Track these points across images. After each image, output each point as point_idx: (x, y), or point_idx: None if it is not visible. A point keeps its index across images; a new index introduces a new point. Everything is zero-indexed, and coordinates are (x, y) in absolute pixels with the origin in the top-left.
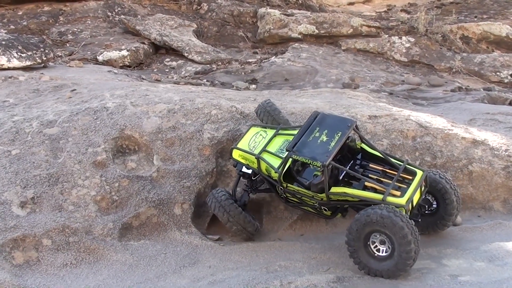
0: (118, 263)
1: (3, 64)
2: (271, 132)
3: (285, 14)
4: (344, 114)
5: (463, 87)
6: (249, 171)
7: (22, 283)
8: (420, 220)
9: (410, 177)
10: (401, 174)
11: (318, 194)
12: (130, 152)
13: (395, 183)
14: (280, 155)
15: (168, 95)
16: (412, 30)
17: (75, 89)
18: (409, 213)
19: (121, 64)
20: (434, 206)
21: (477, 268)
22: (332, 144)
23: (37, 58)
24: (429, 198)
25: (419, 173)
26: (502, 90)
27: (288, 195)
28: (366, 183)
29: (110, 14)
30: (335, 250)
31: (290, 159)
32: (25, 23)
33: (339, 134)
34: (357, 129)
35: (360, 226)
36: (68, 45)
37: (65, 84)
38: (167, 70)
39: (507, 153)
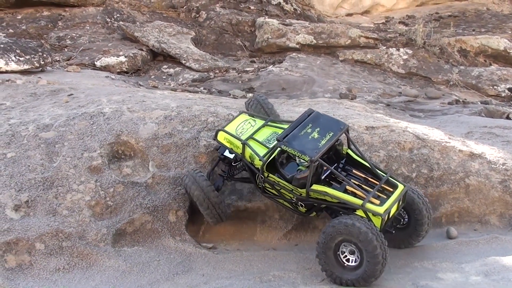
0: (111, 269)
1: (1, 67)
2: (260, 122)
3: (283, 24)
4: None
5: (460, 100)
6: (231, 156)
7: (14, 286)
8: (394, 232)
9: (391, 189)
10: (382, 185)
11: (298, 189)
12: (126, 158)
13: (376, 192)
14: (267, 145)
15: (165, 102)
16: (410, 42)
17: (72, 94)
18: (384, 224)
19: (118, 70)
20: (406, 220)
21: (473, 282)
22: (323, 142)
23: (35, 62)
24: (401, 212)
25: (400, 187)
26: (499, 104)
27: (267, 185)
28: (347, 187)
29: (109, 20)
30: None
31: (278, 150)
32: (24, 27)
33: (330, 134)
34: (348, 133)
35: (329, 236)
36: (66, 50)
37: (62, 89)
38: (164, 77)
39: (504, 167)
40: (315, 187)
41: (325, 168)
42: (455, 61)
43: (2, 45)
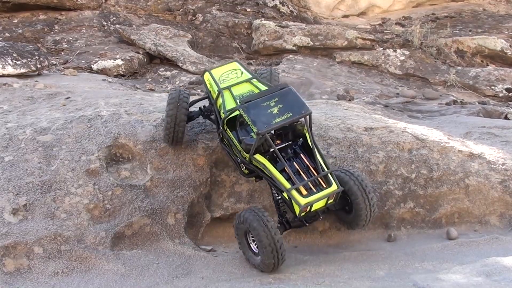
0: (110, 272)
1: None
2: (245, 77)
3: (280, 26)
4: (340, 125)
5: (458, 101)
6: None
7: None
8: (308, 224)
9: (325, 186)
10: (319, 178)
11: (244, 152)
12: (124, 161)
13: (309, 183)
14: (237, 100)
15: (163, 104)
16: (406, 43)
17: (69, 97)
18: (303, 215)
19: (115, 73)
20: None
21: (474, 283)
22: (278, 119)
23: (31, 66)
24: (346, 196)
25: (333, 188)
26: (497, 104)
27: (223, 137)
28: (285, 168)
29: (105, 23)
30: (330, 263)
31: (237, 111)
32: (20, 31)
33: (289, 115)
34: (309, 120)
35: (237, 224)
36: (62, 53)
37: (60, 92)
38: (161, 80)
39: (504, 167)
40: (257, 157)
41: (278, 142)
42: (452, 61)
43: None
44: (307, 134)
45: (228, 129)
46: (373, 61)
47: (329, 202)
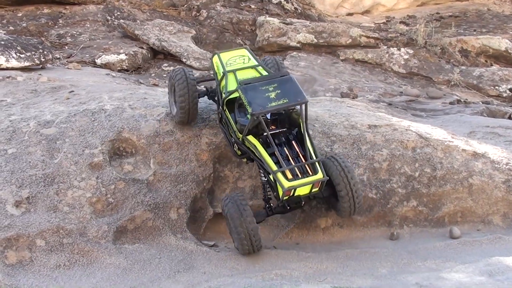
0: (112, 266)
1: (2, 64)
2: (252, 63)
3: (284, 23)
4: (344, 122)
5: (462, 100)
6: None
7: (15, 283)
8: (290, 209)
9: (311, 173)
10: (306, 165)
11: (238, 132)
12: (127, 155)
13: (296, 169)
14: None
15: (167, 99)
16: (411, 42)
17: (73, 91)
18: (285, 198)
19: (119, 68)
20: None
21: (477, 282)
22: (273, 104)
23: (35, 59)
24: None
25: (318, 176)
26: (501, 104)
27: (222, 117)
28: (275, 152)
29: (109, 18)
30: (333, 260)
31: (236, 92)
32: (24, 24)
33: (285, 101)
34: (305, 109)
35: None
36: (66, 47)
37: (63, 86)
38: (164, 75)
39: (507, 166)
40: (250, 138)
41: (273, 127)
42: (456, 61)
43: (2, 42)
44: (301, 123)
45: (227, 110)
46: (377, 59)
47: (313, 190)
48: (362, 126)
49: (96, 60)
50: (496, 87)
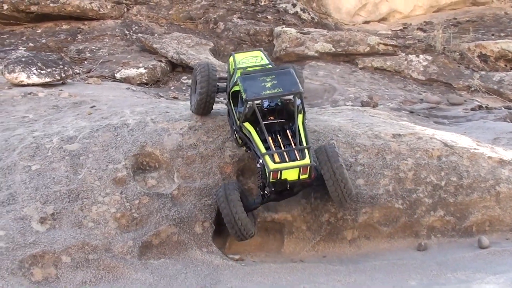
0: (138, 282)
1: (23, 81)
2: (263, 62)
3: (301, 33)
4: (367, 132)
5: (483, 106)
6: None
7: None
8: (281, 195)
9: (299, 159)
10: (295, 151)
11: (237, 119)
12: (151, 169)
13: (284, 154)
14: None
15: (189, 113)
16: (429, 49)
17: (94, 106)
18: (271, 181)
19: (138, 82)
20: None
21: None
22: (267, 92)
23: (56, 75)
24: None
25: (305, 161)
26: None
27: (228, 109)
28: (267, 138)
29: (127, 32)
30: (360, 272)
31: (238, 82)
32: (43, 40)
33: (279, 90)
34: (299, 99)
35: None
36: (86, 62)
37: (84, 101)
38: (184, 88)
39: None
40: (246, 124)
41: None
42: (476, 66)
43: (23, 59)
44: (296, 114)
45: (232, 102)
46: (395, 67)
47: (302, 176)
48: (386, 136)
49: (115, 74)
50: None
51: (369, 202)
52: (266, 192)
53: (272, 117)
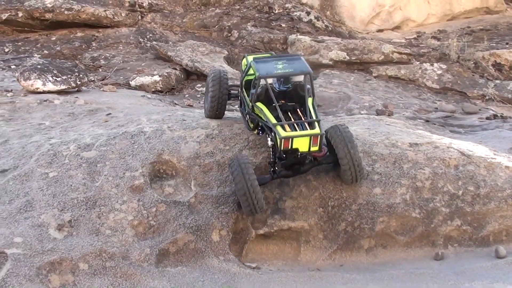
0: None
1: (38, 88)
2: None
3: (315, 41)
4: (384, 141)
5: (498, 115)
6: None
7: None
8: (292, 171)
9: (309, 129)
10: (305, 123)
11: (249, 102)
12: (168, 177)
13: (294, 125)
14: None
15: (206, 121)
16: (443, 57)
17: (110, 113)
18: (282, 150)
19: (153, 89)
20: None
21: None
22: (278, 71)
23: (71, 82)
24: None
25: (315, 130)
26: None
27: (241, 99)
28: (279, 114)
29: (142, 40)
30: (377, 281)
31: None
32: (58, 48)
33: (290, 70)
34: (310, 80)
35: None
36: (100, 70)
37: (100, 108)
38: (198, 95)
39: None
40: (258, 103)
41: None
42: (490, 75)
43: (39, 66)
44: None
45: (245, 91)
46: (410, 75)
47: (312, 148)
48: (403, 145)
49: (130, 82)
50: None
51: (386, 211)
52: (276, 167)
53: (283, 101)
